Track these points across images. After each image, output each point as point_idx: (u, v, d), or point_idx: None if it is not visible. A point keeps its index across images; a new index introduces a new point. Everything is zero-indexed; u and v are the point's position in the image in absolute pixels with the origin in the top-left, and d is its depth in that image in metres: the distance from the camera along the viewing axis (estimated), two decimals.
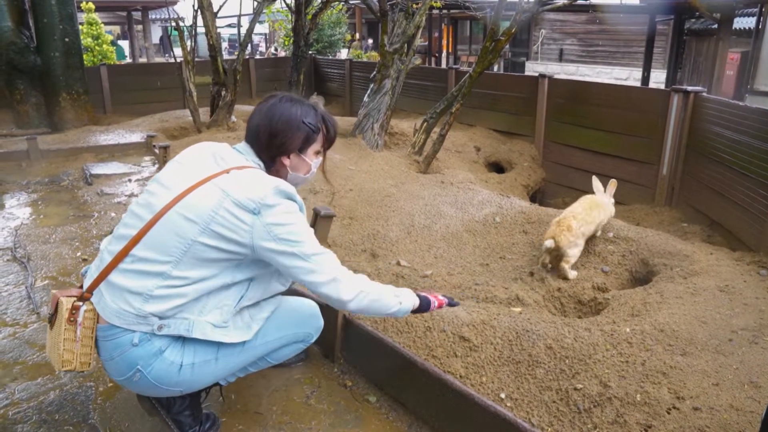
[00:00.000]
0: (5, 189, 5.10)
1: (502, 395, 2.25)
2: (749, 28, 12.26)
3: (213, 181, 1.57)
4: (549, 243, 3.19)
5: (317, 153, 1.81)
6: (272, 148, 1.71)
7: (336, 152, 5.21)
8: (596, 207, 3.44)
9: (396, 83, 5.67)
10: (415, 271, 3.41)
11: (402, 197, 4.26)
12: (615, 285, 3.32)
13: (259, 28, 31.18)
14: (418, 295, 1.89)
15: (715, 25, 10.80)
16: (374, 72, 5.66)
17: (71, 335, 1.60)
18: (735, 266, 3.19)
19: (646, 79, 12.68)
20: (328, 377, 2.33)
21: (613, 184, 3.72)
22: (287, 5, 9.20)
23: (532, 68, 19.46)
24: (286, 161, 1.74)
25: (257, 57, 27.54)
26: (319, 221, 3.53)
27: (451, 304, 2.01)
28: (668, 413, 2.07)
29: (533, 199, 5.78)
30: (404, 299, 1.81)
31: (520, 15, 4.93)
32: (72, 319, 1.59)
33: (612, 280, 3.36)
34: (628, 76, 17.42)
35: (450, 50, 21.64)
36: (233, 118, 6.80)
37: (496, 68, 17.20)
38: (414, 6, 5.93)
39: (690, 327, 2.53)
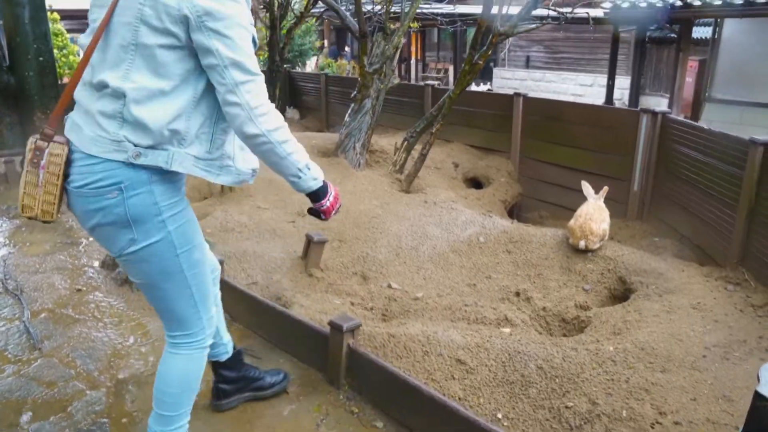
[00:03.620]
0: None
1: (499, 415, 2.40)
2: (706, 38, 12.81)
3: None
4: (581, 245, 3.82)
5: None
6: None
7: None
8: (601, 209, 4.01)
9: (376, 102, 5.81)
10: (406, 293, 3.56)
11: (388, 218, 4.40)
12: (596, 303, 3.52)
13: None
14: (324, 181, 1.74)
15: (674, 34, 11.27)
16: (354, 92, 5.79)
17: (33, 179, 1.50)
18: (705, 283, 3.42)
19: (611, 87, 13.09)
20: (335, 405, 2.45)
21: (605, 190, 4.07)
22: (262, 21, 9.28)
23: (500, 74, 19.84)
24: None
25: None
26: (312, 246, 3.65)
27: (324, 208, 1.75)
28: (652, 428, 2.26)
29: (510, 213, 5.99)
30: (313, 166, 1.68)
31: (496, 38, 5.13)
32: (35, 161, 1.49)
33: (593, 297, 3.56)
34: (592, 82, 17.90)
35: (418, 57, 21.89)
36: None
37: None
38: (392, 26, 6.09)
39: (668, 344, 2.73)
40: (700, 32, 13.12)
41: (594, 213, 3.83)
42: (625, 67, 15.99)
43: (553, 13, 5.57)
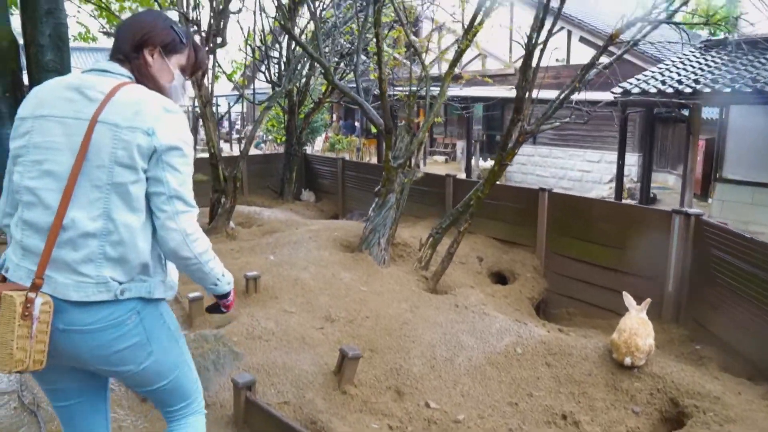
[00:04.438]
0: None
1: None
2: (713, 118, 13.01)
3: (99, 119, 1.55)
4: (627, 362, 3.64)
5: (182, 68, 1.80)
6: (136, 40, 1.69)
7: (345, 269, 5.22)
8: (645, 322, 3.81)
9: (400, 197, 5.77)
10: (446, 414, 3.35)
11: (420, 325, 4.24)
12: (647, 427, 3.31)
13: (236, 106, 31.73)
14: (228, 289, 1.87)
15: (681, 114, 11.43)
16: (378, 186, 5.76)
17: (25, 332, 1.49)
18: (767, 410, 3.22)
19: (621, 167, 13.18)
20: None
21: (647, 302, 3.95)
22: (281, 105, 9.45)
23: None
24: (149, 57, 1.71)
25: (234, 136, 27.89)
26: (346, 362, 3.48)
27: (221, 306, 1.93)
28: None
29: (537, 309, 5.83)
30: (227, 273, 1.82)
31: (523, 137, 5.13)
32: (27, 313, 1.49)
33: (643, 421, 3.35)
34: (600, 158, 18.07)
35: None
36: (232, 224, 6.79)
37: (478, 147, 17.71)
38: (414, 121, 6.15)
39: None
40: (707, 112, 13.34)
41: (639, 328, 3.67)
42: (632, 144, 16.19)
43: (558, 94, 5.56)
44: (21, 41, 6.80)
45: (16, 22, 7.17)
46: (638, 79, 10.33)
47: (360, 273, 5.20)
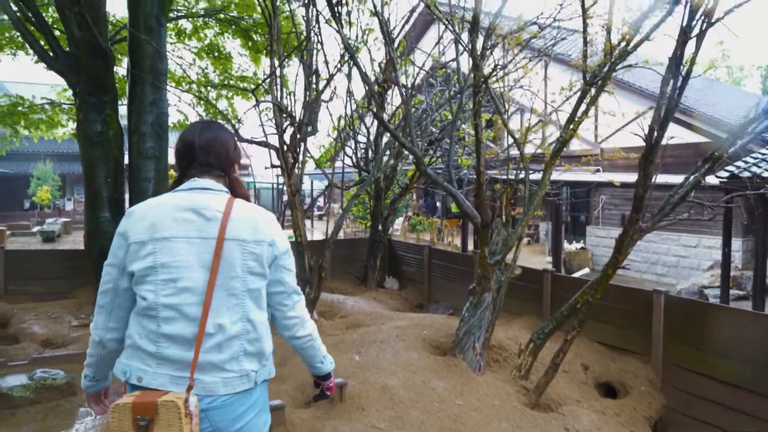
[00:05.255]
0: None
1: None
2: None
3: (226, 237, 1.79)
4: None
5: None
6: (229, 160, 1.95)
7: (437, 377, 4.76)
8: None
9: (497, 296, 5.32)
10: None
11: None
12: None
13: (318, 185, 32.56)
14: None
15: None
16: (473, 284, 5.35)
17: (188, 429, 1.65)
18: None
19: (727, 255, 12.11)
20: None
21: None
22: (367, 192, 9.36)
23: (593, 232, 19.20)
24: (235, 172, 1.99)
25: (316, 213, 28.41)
26: None
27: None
28: None
29: (654, 430, 5.06)
30: (329, 356, 2.19)
31: (637, 235, 4.63)
32: (187, 413, 1.66)
33: None
34: (697, 243, 16.84)
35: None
36: (315, 315, 6.52)
37: (563, 229, 16.97)
38: (513, 214, 5.77)
39: None
40: None
41: None
42: (735, 228, 15.03)
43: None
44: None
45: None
46: (747, 162, 9.56)
47: (453, 381, 4.72)
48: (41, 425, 4.42)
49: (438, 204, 22.62)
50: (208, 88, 10.38)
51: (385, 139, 8.76)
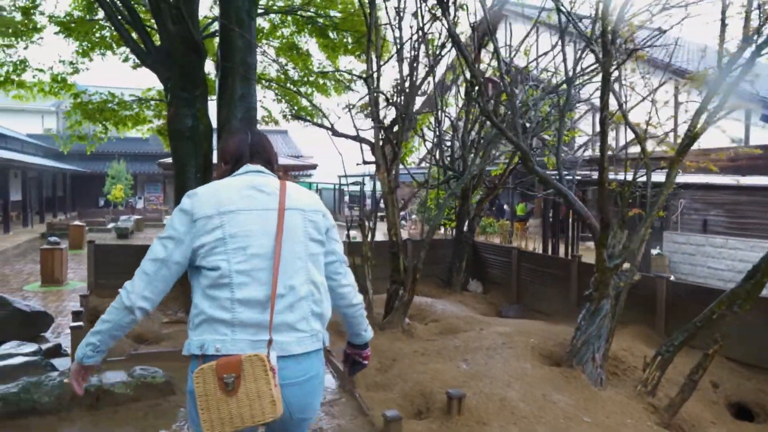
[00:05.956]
0: None
1: None
2: None
3: (286, 207, 1.93)
4: None
5: None
6: (274, 158, 2.14)
7: (556, 390, 4.37)
8: None
9: (615, 303, 4.88)
10: None
11: None
12: None
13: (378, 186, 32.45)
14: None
15: None
16: (589, 290, 4.92)
17: (273, 382, 1.72)
18: None
19: None
20: None
21: None
22: (454, 192, 9.00)
23: (671, 238, 18.22)
24: (280, 170, 2.16)
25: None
26: None
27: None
28: None
29: None
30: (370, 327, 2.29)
31: None
32: (271, 366, 1.74)
33: None
34: None
35: (573, 215, 20.72)
36: (407, 320, 6.22)
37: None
38: (630, 214, 5.32)
39: None
40: None
41: None
42: None
43: None
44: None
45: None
46: None
47: (576, 396, 4.32)
48: (142, 424, 4.30)
49: (506, 206, 22.00)
50: (288, 83, 10.28)
51: (471, 136, 8.40)
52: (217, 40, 8.80)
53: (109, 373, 4.78)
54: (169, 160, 18.25)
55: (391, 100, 5.83)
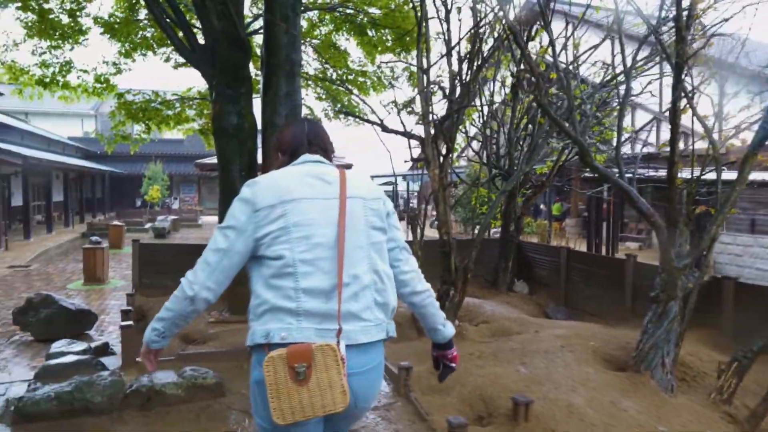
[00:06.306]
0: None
1: None
2: None
3: (348, 195, 1.91)
4: None
5: None
6: (328, 146, 2.10)
7: (624, 396, 4.14)
8: None
9: (684, 305, 4.62)
10: None
11: None
12: None
13: (413, 186, 32.27)
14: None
15: None
16: (656, 290, 4.67)
17: (343, 372, 1.72)
18: None
19: None
20: None
21: None
22: (497, 188, 8.78)
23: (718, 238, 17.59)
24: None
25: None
26: None
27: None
28: None
29: None
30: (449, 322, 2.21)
31: None
32: (342, 356, 1.74)
33: None
34: None
35: (612, 215, 20.13)
36: (457, 321, 6.04)
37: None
38: (696, 211, 5.04)
39: None
40: None
41: None
42: None
43: None
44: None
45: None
46: None
47: (645, 403, 4.08)
48: (194, 426, 4.21)
49: (542, 206, 21.62)
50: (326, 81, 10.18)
51: (518, 132, 8.17)
52: (258, 38, 8.74)
53: (159, 374, 4.70)
54: (206, 160, 18.43)
55: (446, 94, 5.65)
